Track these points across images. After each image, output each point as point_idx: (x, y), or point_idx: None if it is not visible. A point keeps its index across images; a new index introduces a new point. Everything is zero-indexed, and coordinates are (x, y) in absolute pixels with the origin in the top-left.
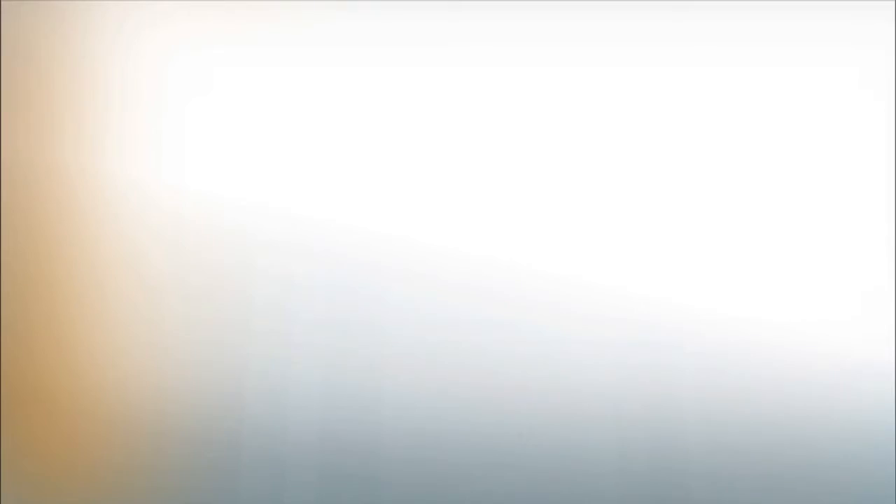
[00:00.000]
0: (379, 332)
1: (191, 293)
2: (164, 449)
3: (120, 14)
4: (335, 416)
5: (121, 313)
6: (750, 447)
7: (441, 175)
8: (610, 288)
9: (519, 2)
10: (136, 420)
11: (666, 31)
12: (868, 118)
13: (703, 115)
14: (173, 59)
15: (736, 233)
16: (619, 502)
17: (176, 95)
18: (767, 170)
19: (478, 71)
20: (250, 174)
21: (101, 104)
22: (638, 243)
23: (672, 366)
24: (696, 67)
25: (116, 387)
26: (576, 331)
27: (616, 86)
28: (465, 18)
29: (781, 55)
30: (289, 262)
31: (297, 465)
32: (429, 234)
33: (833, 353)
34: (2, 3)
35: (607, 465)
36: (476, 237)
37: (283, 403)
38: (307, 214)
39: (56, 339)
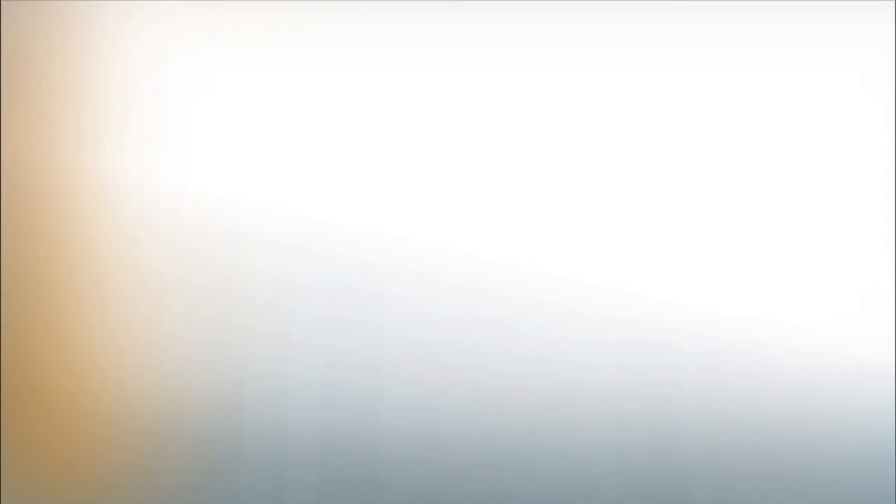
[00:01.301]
0: (379, 332)
1: (191, 293)
2: (164, 449)
3: (120, 14)
4: (335, 416)
5: (121, 313)
6: (750, 447)
7: (441, 175)
8: (610, 288)
9: (519, 2)
10: (136, 420)
11: (666, 31)
12: (869, 118)
13: (703, 115)
14: (173, 59)
15: (736, 233)
16: (619, 502)
17: (176, 95)
18: (768, 170)
19: (478, 71)
20: (250, 174)
21: (101, 104)
22: (638, 243)
23: (672, 366)
24: (696, 67)
25: (116, 387)
26: (576, 331)
27: (616, 86)
28: (465, 18)
29: (781, 55)
30: (289, 262)
31: (297, 465)
32: (429, 234)
33: (833, 353)
34: (2, 3)
35: (607, 465)
36: (476, 237)
37: (283, 403)
38: (307, 214)
39: (56, 339)
